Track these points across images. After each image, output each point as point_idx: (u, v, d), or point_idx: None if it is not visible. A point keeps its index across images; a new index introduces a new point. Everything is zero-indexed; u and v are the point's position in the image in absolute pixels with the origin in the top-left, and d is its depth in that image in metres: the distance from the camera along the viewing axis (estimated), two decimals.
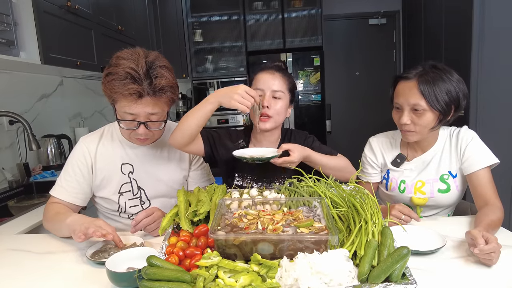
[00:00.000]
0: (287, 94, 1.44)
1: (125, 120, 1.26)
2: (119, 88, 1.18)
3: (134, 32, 3.24)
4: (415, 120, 1.30)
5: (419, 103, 1.26)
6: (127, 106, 1.22)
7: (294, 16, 4.00)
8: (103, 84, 1.25)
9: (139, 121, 1.26)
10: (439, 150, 1.41)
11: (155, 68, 1.22)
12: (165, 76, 1.23)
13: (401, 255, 0.82)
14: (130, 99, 1.20)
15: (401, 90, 1.32)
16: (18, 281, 1.01)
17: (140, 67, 1.19)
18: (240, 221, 0.97)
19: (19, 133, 2.26)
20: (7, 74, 2.22)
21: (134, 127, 1.28)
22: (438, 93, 1.24)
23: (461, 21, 2.77)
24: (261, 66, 1.50)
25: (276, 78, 1.42)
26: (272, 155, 1.28)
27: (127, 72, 1.18)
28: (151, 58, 1.23)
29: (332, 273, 0.81)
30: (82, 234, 1.08)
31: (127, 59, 1.21)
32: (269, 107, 1.39)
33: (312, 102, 3.96)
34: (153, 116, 1.27)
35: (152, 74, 1.20)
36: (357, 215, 1.01)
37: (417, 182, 1.42)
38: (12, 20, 1.86)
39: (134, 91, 1.18)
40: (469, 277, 0.92)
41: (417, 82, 1.27)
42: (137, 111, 1.23)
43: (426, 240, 1.08)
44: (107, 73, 1.23)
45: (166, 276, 0.82)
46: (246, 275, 0.82)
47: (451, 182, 1.39)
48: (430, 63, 1.32)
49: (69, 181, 1.37)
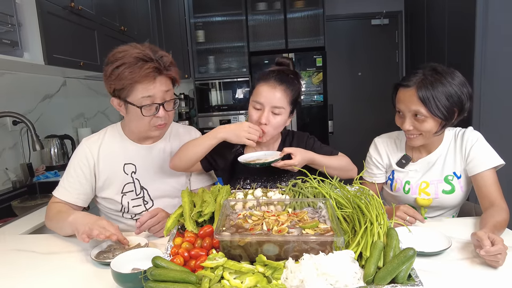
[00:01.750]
0: (288, 108, 1.38)
1: (145, 105, 1.27)
2: (134, 73, 1.21)
3: (137, 33, 3.24)
4: (417, 126, 1.29)
5: (419, 110, 1.25)
6: (145, 89, 1.24)
7: (297, 16, 4.00)
8: (110, 80, 1.25)
9: (157, 103, 1.28)
10: (444, 151, 1.40)
11: (156, 50, 1.27)
12: (168, 55, 1.29)
13: (407, 257, 0.82)
14: (147, 80, 1.23)
15: (401, 97, 1.31)
16: (22, 281, 1.01)
17: (145, 50, 1.24)
18: (245, 222, 0.97)
19: (22, 134, 2.26)
20: (10, 75, 2.22)
21: (154, 112, 1.29)
22: (438, 100, 1.23)
23: (464, 22, 2.76)
24: (263, 73, 1.42)
25: (277, 92, 1.35)
26: (274, 159, 1.29)
27: (136, 57, 1.22)
28: (148, 45, 1.29)
29: (338, 275, 0.81)
30: (86, 236, 1.08)
31: (128, 49, 1.25)
32: (267, 124, 1.36)
33: (315, 102, 3.95)
34: (167, 94, 1.30)
35: (157, 54, 1.26)
36: (362, 216, 1.00)
37: (421, 183, 1.41)
38: (16, 21, 1.86)
39: (152, 69, 1.22)
40: (475, 279, 0.91)
41: (416, 90, 1.25)
42: (155, 92, 1.25)
43: (431, 241, 1.07)
44: (113, 68, 1.24)
45: (171, 277, 0.82)
46: (252, 276, 0.82)
47: (456, 183, 1.38)
48: (431, 66, 1.29)
49: (71, 182, 1.37)
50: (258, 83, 1.40)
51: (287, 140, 1.52)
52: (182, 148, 1.38)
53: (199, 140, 1.37)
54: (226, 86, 4.07)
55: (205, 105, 4.10)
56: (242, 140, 1.29)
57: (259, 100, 1.36)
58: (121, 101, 1.29)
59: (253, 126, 1.32)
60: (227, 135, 1.31)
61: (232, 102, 4.09)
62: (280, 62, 1.47)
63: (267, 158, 1.34)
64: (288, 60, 1.47)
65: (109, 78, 1.25)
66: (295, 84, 1.40)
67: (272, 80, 1.36)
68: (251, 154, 1.40)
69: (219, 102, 4.11)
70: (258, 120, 1.36)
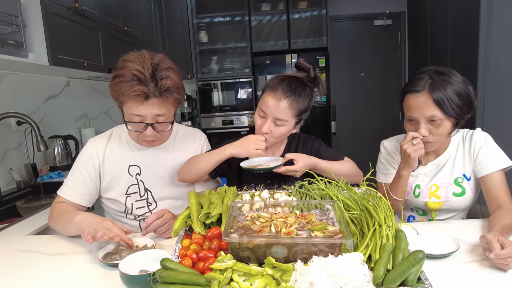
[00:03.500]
0: (292, 120, 1.34)
1: (133, 122, 1.27)
2: (125, 90, 1.19)
3: (140, 33, 3.25)
4: (433, 131, 1.26)
5: (435, 114, 1.23)
6: (134, 107, 1.23)
7: (300, 17, 3.99)
8: (111, 87, 1.26)
9: (146, 123, 1.27)
10: (452, 154, 1.39)
11: (160, 69, 1.22)
12: (171, 77, 1.23)
13: (416, 259, 0.82)
14: (136, 101, 1.21)
15: (413, 104, 1.26)
16: (28, 282, 1.01)
17: (146, 69, 1.20)
18: (253, 224, 0.97)
19: (26, 134, 2.26)
20: (14, 75, 2.22)
21: (142, 129, 1.28)
22: (452, 100, 1.21)
23: (467, 22, 2.75)
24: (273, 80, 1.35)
25: (281, 105, 1.30)
26: (276, 164, 1.30)
27: (133, 74, 1.19)
28: (157, 60, 1.24)
29: (347, 277, 0.80)
30: (91, 237, 1.09)
31: (133, 62, 1.22)
32: (268, 133, 1.35)
33: (317, 103, 3.95)
34: (160, 117, 1.27)
35: (158, 76, 1.21)
36: (370, 218, 1.00)
37: (431, 186, 1.39)
38: (21, 21, 1.87)
39: (140, 92, 1.19)
40: (484, 282, 0.91)
41: (429, 93, 1.22)
42: (144, 113, 1.24)
43: (439, 243, 1.07)
44: (114, 76, 1.24)
45: (180, 279, 0.82)
46: (261, 278, 0.82)
47: (466, 185, 1.37)
48: (432, 69, 1.27)
49: (75, 182, 1.38)
50: (266, 90, 1.35)
51: (292, 144, 1.52)
52: (190, 163, 1.40)
53: (206, 156, 1.38)
54: (228, 87, 4.07)
55: (207, 106, 4.11)
56: (252, 152, 1.31)
57: (263, 109, 1.35)
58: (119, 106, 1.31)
59: (258, 137, 1.32)
60: (236, 151, 1.32)
61: (235, 103, 4.09)
62: (300, 66, 1.39)
63: (269, 163, 1.35)
64: (309, 65, 1.38)
65: (111, 82, 1.26)
66: (305, 95, 1.34)
67: (280, 91, 1.30)
68: (254, 159, 1.40)
69: (222, 102, 4.11)
70: (260, 128, 1.36)
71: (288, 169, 1.30)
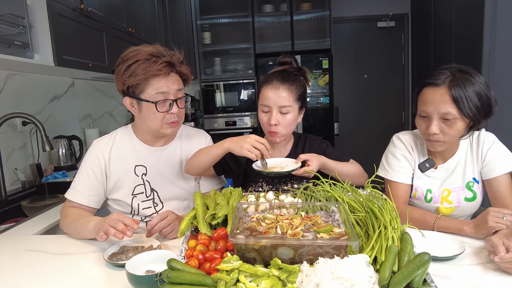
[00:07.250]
0: (295, 105, 1.39)
1: (159, 101, 1.30)
2: (148, 68, 1.25)
3: (144, 34, 3.26)
4: (444, 129, 1.21)
5: (450, 111, 1.17)
6: (158, 84, 1.28)
7: (303, 18, 4.00)
8: (124, 79, 1.28)
9: (171, 99, 1.31)
10: (462, 157, 1.34)
11: (166, 49, 1.33)
12: (178, 54, 1.36)
13: (422, 261, 0.82)
14: (161, 76, 1.27)
15: (429, 97, 1.21)
16: (35, 281, 1.02)
17: (157, 47, 1.31)
18: (259, 225, 0.97)
19: (31, 134, 2.28)
20: (20, 76, 2.24)
21: (168, 108, 1.32)
22: (471, 99, 1.15)
23: (471, 24, 2.74)
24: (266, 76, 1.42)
25: (281, 92, 1.36)
26: (292, 169, 1.30)
27: (149, 54, 1.27)
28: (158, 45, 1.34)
29: (353, 279, 0.81)
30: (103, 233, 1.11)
31: (140, 48, 1.30)
32: (277, 124, 1.37)
33: (321, 104, 3.95)
34: (179, 92, 1.34)
35: (169, 52, 1.32)
36: (376, 220, 1.00)
37: (443, 190, 1.35)
38: (27, 22, 1.88)
39: (165, 63, 1.28)
40: (489, 285, 0.91)
41: (448, 88, 1.17)
42: (167, 88, 1.29)
43: (444, 246, 1.07)
44: (127, 66, 1.27)
45: (187, 280, 0.82)
46: (267, 279, 0.83)
47: (476, 189, 1.33)
48: (455, 66, 1.23)
49: (82, 183, 1.38)
50: (262, 86, 1.42)
51: (299, 144, 1.53)
52: (194, 155, 1.41)
53: (208, 149, 1.39)
54: (232, 88, 4.08)
55: (210, 107, 4.12)
56: (243, 152, 1.26)
57: (265, 103, 1.39)
58: (133, 99, 1.31)
59: (259, 139, 1.28)
60: (231, 145, 1.30)
61: (238, 104, 4.09)
62: (282, 61, 1.48)
63: (281, 165, 1.35)
64: (290, 58, 1.46)
65: (123, 76, 1.27)
66: (299, 81, 1.41)
67: (275, 81, 1.38)
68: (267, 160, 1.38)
69: (225, 103, 4.12)
70: (268, 122, 1.37)
71: (306, 170, 1.31)
